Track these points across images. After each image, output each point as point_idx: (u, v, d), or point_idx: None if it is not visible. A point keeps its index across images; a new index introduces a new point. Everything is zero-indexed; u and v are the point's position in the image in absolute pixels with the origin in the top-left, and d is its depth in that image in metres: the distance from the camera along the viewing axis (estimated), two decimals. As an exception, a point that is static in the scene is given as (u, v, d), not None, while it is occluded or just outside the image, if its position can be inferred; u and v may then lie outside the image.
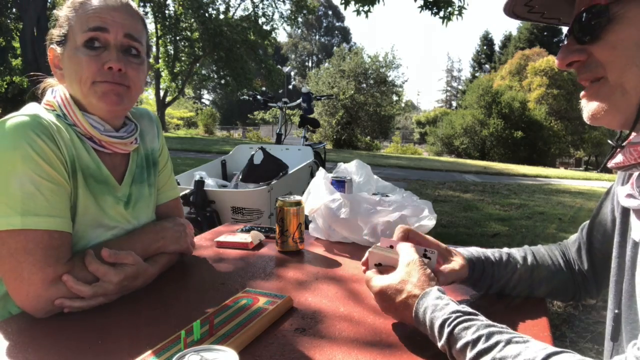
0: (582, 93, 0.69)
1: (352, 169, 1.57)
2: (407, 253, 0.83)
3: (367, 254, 0.89)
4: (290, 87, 54.20)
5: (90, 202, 0.96)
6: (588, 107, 0.68)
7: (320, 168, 1.46)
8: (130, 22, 0.98)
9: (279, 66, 30.84)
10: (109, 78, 0.95)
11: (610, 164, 0.71)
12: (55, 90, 1.01)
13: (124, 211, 1.03)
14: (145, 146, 1.14)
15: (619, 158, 0.69)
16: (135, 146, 1.07)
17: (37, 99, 1.04)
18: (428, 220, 1.29)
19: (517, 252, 0.99)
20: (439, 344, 0.68)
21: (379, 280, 0.81)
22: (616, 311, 0.74)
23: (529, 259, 0.97)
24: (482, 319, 0.66)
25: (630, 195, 0.71)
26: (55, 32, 0.99)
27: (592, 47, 0.66)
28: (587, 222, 0.95)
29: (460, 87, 56.62)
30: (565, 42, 0.70)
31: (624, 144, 0.68)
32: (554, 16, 0.76)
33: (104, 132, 0.99)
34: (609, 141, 0.72)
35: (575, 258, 0.98)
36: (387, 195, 1.40)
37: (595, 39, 0.65)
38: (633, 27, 0.62)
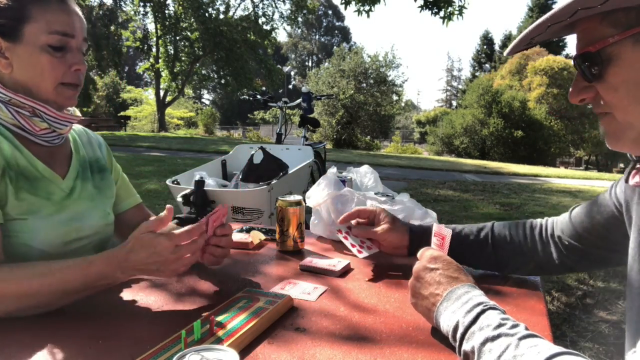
0: (599, 120, 0.72)
1: (362, 172, 1.60)
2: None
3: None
4: (290, 86, 54.21)
5: (21, 199, 0.97)
6: (607, 138, 0.72)
7: (333, 166, 1.47)
8: (84, 25, 1.05)
9: (279, 66, 30.85)
10: (75, 80, 1.03)
11: (631, 182, 0.73)
12: None
13: (65, 201, 1.05)
14: (87, 153, 1.19)
15: (638, 178, 0.71)
16: (75, 122, 1.10)
17: None
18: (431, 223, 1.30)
19: (475, 226, 1.08)
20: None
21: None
22: None
23: (487, 233, 1.05)
24: (491, 320, 0.66)
25: None
26: None
27: (598, 86, 0.68)
28: (578, 207, 0.98)
29: (460, 86, 56.57)
30: (575, 77, 0.72)
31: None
32: (552, 38, 0.78)
33: (47, 110, 1.01)
34: (629, 155, 0.73)
35: (555, 236, 1.00)
36: (392, 197, 1.41)
37: (599, 78, 0.67)
38: (630, 67, 0.64)
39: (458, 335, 0.68)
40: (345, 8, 6.62)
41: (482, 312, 0.68)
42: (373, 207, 1.14)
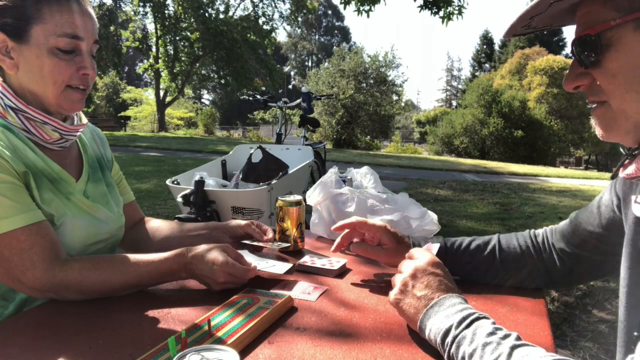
0: (592, 111, 0.70)
1: (362, 173, 1.60)
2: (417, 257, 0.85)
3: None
4: (290, 87, 54.20)
5: (46, 202, 0.96)
6: (598, 128, 0.70)
7: (334, 165, 1.47)
8: (96, 28, 1.02)
9: (279, 66, 30.86)
10: (83, 83, 1.00)
11: (622, 174, 0.71)
12: None
13: (82, 203, 1.05)
14: (94, 150, 1.18)
15: (630, 169, 0.69)
16: (80, 132, 1.08)
17: None
18: (432, 224, 1.30)
19: (482, 240, 1.03)
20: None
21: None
22: (635, 333, 0.70)
23: (494, 245, 1.01)
24: (480, 329, 0.66)
25: None
26: None
27: (594, 72, 0.67)
28: (579, 211, 0.94)
29: (460, 86, 56.62)
30: (571, 64, 0.70)
31: (635, 152, 0.68)
32: (552, 25, 0.75)
33: (58, 125, 1.00)
34: (621, 149, 0.71)
35: (557, 246, 0.97)
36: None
37: (596, 64, 0.65)
38: (629, 52, 0.62)
39: (448, 339, 0.67)
40: (345, 8, 6.63)
41: (477, 319, 0.68)
42: (373, 223, 1.04)
